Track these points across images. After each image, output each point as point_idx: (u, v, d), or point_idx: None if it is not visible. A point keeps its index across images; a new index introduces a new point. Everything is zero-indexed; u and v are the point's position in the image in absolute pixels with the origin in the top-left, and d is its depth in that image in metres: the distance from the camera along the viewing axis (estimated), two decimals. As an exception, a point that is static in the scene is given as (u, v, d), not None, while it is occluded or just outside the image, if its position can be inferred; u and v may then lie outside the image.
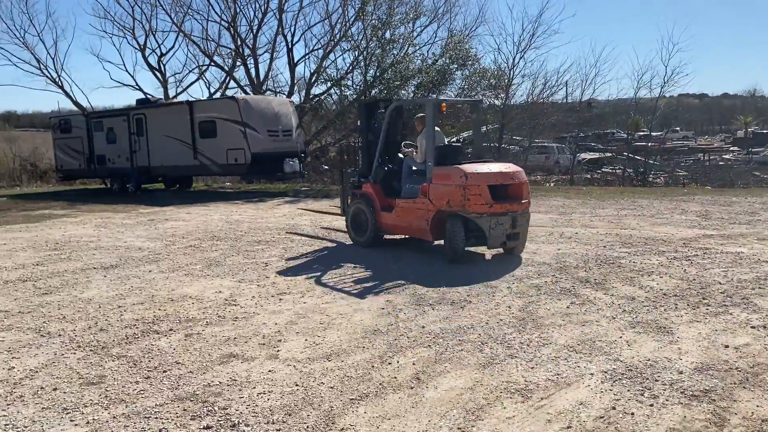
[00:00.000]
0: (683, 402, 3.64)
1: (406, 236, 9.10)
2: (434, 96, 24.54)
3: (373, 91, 24.35)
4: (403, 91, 24.37)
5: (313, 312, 5.66)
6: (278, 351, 4.68)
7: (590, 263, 7.38)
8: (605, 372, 4.12)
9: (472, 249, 8.10)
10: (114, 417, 3.60)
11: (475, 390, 3.89)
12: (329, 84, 26.56)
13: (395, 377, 4.12)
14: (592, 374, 4.09)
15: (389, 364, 4.36)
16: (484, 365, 4.30)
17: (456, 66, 24.32)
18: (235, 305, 5.97)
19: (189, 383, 4.10)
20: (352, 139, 26.08)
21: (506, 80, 24.21)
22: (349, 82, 25.72)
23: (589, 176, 25.09)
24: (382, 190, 8.79)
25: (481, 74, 24.16)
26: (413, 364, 4.35)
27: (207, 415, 3.61)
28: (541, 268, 7.21)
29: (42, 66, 28.54)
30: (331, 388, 3.97)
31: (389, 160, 9.03)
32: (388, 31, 24.82)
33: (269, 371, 4.28)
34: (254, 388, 4.00)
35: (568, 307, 5.62)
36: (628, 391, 3.82)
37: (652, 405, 3.62)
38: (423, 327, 5.14)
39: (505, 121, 24.23)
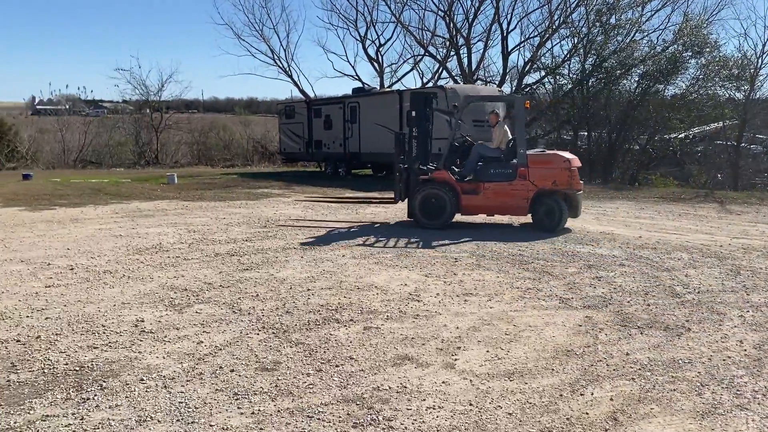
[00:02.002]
0: None
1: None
2: (662, 86, 22.26)
3: (591, 81, 22.77)
4: (624, 81, 22.45)
5: (500, 320, 5.14)
6: (456, 360, 4.27)
7: None
8: None
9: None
10: (278, 411, 3.48)
11: (688, 446, 3.13)
12: (543, 73, 25.47)
13: (586, 413, 3.48)
14: None
15: (581, 395, 3.72)
16: (702, 413, 3.47)
17: (690, 53, 21.75)
18: (419, 301, 5.68)
19: (358, 383, 3.87)
20: (562, 131, 24.75)
21: (752, 70, 21.07)
22: (565, 71, 24.39)
23: None
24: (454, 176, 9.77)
25: (720, 63, 21.32)
26: (611, 399, 3.66)
27: (370, 424, 3.33)
28: (786, 295, 5.89)
29: (275, 56, 31.36)
30: (509, 414, 3.46)
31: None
32: (614, 16, 23.02)
33: (443, 382, 3.89)
34: (424, 400, 3.64)
35: (824, 352, 4.44)
36: None
37: None
38: (627, 354, 4.37)
39: (748, 116, 21.13)
